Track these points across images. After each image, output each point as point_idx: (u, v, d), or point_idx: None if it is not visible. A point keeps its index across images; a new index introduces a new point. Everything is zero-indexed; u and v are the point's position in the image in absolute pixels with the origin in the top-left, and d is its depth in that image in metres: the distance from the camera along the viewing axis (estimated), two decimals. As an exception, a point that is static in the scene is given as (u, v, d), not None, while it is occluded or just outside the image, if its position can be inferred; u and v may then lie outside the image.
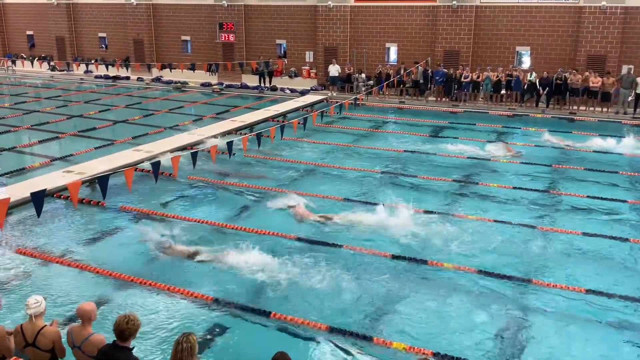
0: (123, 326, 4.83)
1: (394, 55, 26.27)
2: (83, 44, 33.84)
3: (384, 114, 22.01)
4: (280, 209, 11.45)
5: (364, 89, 23.98)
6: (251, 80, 27.27)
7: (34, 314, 5.33)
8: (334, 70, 24.87)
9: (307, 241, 9.97)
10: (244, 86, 27.08)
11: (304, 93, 25.25)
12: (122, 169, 11.26)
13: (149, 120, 20.26)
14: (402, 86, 24.00)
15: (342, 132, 18.83)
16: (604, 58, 22.37)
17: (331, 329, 7.25)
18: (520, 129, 19.30)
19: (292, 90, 25.81)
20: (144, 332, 6.54)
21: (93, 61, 32.12)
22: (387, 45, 26.17)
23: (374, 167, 14.65)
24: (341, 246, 9.74)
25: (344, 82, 25.27)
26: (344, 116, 20.38)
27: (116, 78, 29.40)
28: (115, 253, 9.55)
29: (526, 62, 23.98)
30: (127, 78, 29.37)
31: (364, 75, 24.79)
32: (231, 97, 25.23)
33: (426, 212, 11.28)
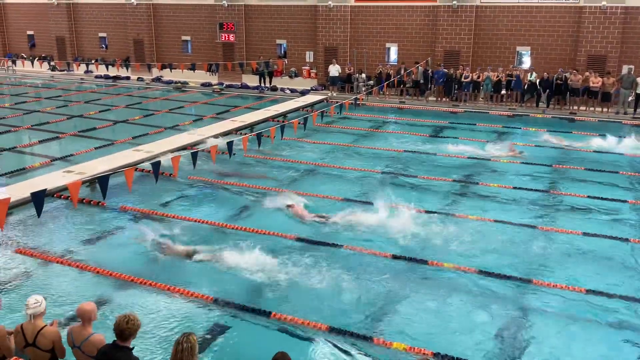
0: (123, 326, 4.83)
1: (394, 55, 26.25)
2: (83, 44, 33.84)
3: (384, 114, 21.99)
4: (280, 209, 11.44)
5: (364, 89, 23.96)
6: (251, 80, 27.27)
7: (33, 314, 5.32)
8: (334, 70, 24.86)
9: (307, 241, 9.97)
10: (244, 86, 27.07)
11: (304, 93, 25.24)
12: (122, 169, 11.25)
13: (149, 120, 20.26)
14: (402, 86, 23.99)
15: (343, 132, 18.83)
16: (604, 58, 22.36)
17: (331, 329, 7.24)
18: (520, 129, 19.30)
19: (292, 90, 25.80)
20: (144, 332, 6.52)
21: (93, 61, 32.11)
22: (388, 45, 26.16)
23: (374, 167, 14.64)
24: (341, 246, 9.74)
25: (344, 82, 25.25)
26: (344, 116, 20.36)
27: (116, 78, 29.39)
28: (115, 253, 9.55)
29: (526, 62, 23.96)
30: (127, 78, 29.37)
31: (364, 75, 24.78)
32: (231, 97, 25.22)
33: (426, 212, 11.28)
